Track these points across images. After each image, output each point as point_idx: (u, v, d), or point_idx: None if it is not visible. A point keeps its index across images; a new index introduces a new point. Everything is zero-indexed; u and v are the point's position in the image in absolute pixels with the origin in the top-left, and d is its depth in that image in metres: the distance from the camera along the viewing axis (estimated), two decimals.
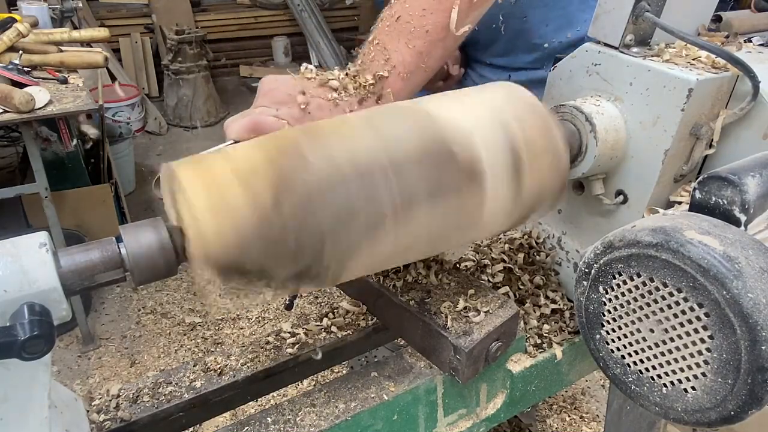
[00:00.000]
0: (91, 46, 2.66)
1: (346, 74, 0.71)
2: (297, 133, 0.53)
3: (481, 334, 0.66)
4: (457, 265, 0.83)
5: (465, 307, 0.70)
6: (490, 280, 0.82)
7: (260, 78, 0.74)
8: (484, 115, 0.58)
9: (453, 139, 0.55)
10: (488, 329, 0.67)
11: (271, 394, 1.17)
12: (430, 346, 0.70)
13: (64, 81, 2.06)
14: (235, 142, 0.60)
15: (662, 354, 0.52)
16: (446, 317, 0.69)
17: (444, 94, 0.62)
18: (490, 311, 0.70)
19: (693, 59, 0.67)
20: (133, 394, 0.68)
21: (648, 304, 0.52)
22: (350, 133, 0.53)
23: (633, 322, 0.54)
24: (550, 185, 0.62)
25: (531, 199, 0.61)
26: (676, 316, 0.49)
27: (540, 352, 0.79)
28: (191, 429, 0.73)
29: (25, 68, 2.03)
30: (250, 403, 0.88)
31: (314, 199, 0.49)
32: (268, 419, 0.64)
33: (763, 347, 0.43)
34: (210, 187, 0.47)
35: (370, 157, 0.51)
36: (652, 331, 0.52)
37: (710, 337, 0.47)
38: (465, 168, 0.55)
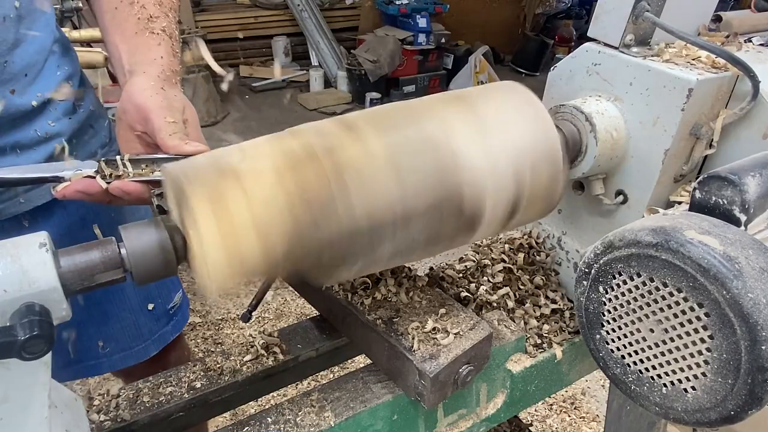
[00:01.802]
0: (91, 46, 2.65)
1: None
2: (327, 177, 0.51)
3: (448, 358, 0.63)
4: (439, 278, 0.81)
5: (434, 328, 0.66)
6: (490, 280, 0.82)
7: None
8: (504, 161, 0.57)
9: (465, 194, 0.56)
10: (457, 353, 0.63)
11: (271, 394, 1.17)
12: (396, 369, 0.66)
13: None
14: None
15: (662, 354, 0.52)
16: (413, 339, 0.65)
17: (477, 117, 0.58)
18: (461, 333, 0.66)
19: (693, 59, 0.67)
20: (133, 394, 0.68)
21: (648, 304, 0.52)
22: (373, 178, 0.53)
23: (633, 322, 0.54)
24: (538, 215, 0.65)
25: (514, 226, 0.65)
26: (676, 316, 0.49)
27: (540, 352, 0.79)
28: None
29: None
30: (250, 403, 0.88)
31: (323, 248, 0.51)
32: (268, 419, 0.64)
33: (763, 347, 0.43)
34: (226, 237, 0.47)
35: (385, 212, 0.52)
36: (652, 331, 0.52)
37: (710, 337, 0.47)
38: (466, 222, 0.58)
